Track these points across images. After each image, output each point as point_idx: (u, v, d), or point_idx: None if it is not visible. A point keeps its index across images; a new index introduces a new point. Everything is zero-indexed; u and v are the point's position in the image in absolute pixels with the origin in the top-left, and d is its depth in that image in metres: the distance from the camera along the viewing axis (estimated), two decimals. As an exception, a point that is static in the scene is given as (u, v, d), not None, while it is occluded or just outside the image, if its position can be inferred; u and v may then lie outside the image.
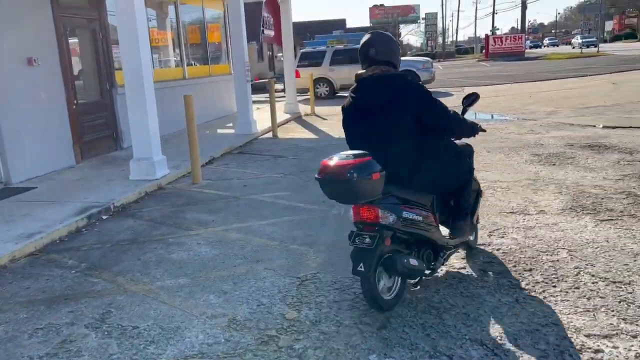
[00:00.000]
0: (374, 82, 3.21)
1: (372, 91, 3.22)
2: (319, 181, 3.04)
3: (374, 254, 2.97)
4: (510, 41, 40.85)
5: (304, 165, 7.76)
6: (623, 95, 12.94)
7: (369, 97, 3.22)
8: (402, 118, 3.12)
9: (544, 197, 5.37)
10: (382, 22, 73.68)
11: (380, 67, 3.22)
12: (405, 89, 3.15)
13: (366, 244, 3.00)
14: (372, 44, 3.27)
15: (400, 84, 3.17)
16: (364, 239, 3.03)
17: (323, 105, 16.64)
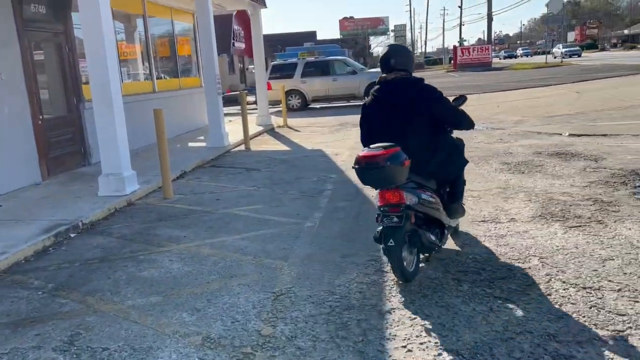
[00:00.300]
0: (397, 84, 3.93)
1: (396, 92, 3.91)
2: (358, 170, 3.56)
3: (402, 231, 3.52)
4: (478, 52, 41.77)
5: (278, 177, 7.72)
6: (587, 104, 13.33)
7: (394, 96, 3.89)
8: (422, 114, 3.83)
9: (515, 205, 5.46)
10: (352, 34, 74.47)
11: (400, 72, 3.93)
12: (423, 90, 3.91)
13: (394, 222, 3.52)
14: (392, 55, 3.96)
15: (419, 86, 3.94)
16: (392, 219, 3.55)
17: (295, 117, 16.66)
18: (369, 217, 5.37)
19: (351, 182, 7.08)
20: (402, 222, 3.52)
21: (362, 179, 3.64)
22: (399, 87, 3.91)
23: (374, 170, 3.44)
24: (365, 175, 3.57)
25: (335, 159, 9.00)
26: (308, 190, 6.80)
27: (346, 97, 19.18)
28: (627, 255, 3.91)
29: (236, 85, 37.04)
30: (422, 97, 3.86)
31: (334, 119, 15.38)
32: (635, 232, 4.40)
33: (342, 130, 12.84)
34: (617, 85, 16.66)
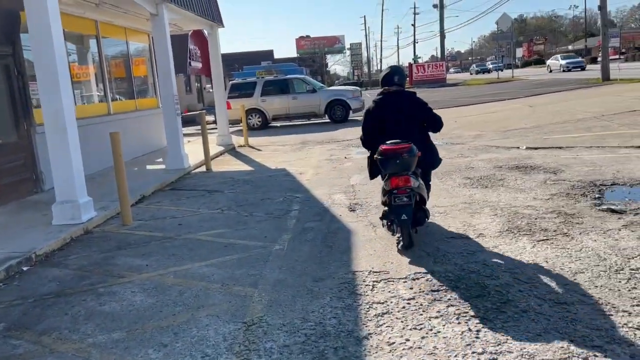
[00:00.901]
0: (397, 95, 5.12)
1: (399, 100, 5.08)
2: (382, 160, 4.61)
3: (411, 207, 4.56)
4: (432, 68, 42.80)
5: (242, 198, 7.55)
6: (540, 118, 13.76)
7: (399, 103, 5.06)
8: (417, 117, 5.07)
9: (481, 220, 5.49)
10: (308, 53, 75.16)
11: (398, 87, 5.17)
12: (417, 100, 5.13)
13: (404, 201, 4.53)
14: (395, 74, 5.26)
15: (414, 97, 5.17)
16: (403, 198, 4.53)
17: (257, 136, 16.52)
18: (338, 237, 5.29)
19: (318, 201, 6.99)
20: (411, 201, 4.56)
21: (385, 166, 4.66)
22: (401, 96, 5.11)
23: (398, 159, 4.52)
24: (389, 163, 4.59)
25: (300, 177, 8.90)
26: (274, 211, 6.66)
27: (307, 116, 19.19)
28: (596, 268, 3.95)
29: (194, 105, 36.59)
30: (417, 105, 5.11)
31: (296, 137, 15.32)
32: (601, 243, 4.47)
33: (304, 149, 12.77)
34: (567, 99, 17.33)
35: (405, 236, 4.65)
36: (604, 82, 21.33)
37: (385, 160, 4.58)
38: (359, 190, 7.48)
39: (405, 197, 4.52)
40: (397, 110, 5.00)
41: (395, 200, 4.54)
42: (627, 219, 5.09)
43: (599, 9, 21.99)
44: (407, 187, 4.53)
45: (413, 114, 5.03)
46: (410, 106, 5.05)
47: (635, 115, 11.82)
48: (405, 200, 4.52)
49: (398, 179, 4.55)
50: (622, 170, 7.16)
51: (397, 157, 4.51)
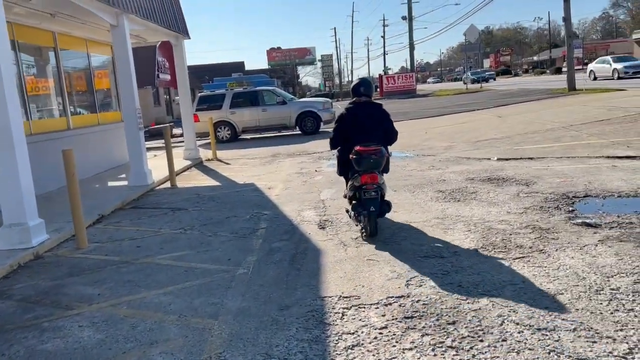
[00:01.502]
0: (366, 105, 5.81)
1: (366, 110, 5.76)
2: (356, 158, 5.28)
3: (378, 200, 5.29)
4: (402, 80, 43.11)
5: (207, 217, 7.20)
6: (510, 128, 13.79)
7: (368, 111, 5.74)
8: (380, 125, 5.72)
9: (455, 237, 5.28)
10: (280, 64, 75.09)
11: (367, 97, 5.87)
12: (383, 111, 5.83)
13: (372, 195, 5.25)
14: (362, 85, 5.92)
15: (381, 108, 5.85)
16: (371, 193, 5.25)
17: (226, 149, 16.14)
18: (307, 258, 5.01)
19: (286, 218, 6.70)
20: (378, 195, 5.30)
21: (359, 164, 5.30)
22: (369, 107, 5.80)
23: (371, 159, 5.26)
24: (363, 162, 5.28)
25: (269, 192, 8.59)
26: (240, 230, 6.34)
27: (277, 128, 18.90)
28: (576, 288, 3.76)
29: (162, 117, 35.94)
30: (382, 115, 5.80)
31: (266, 150, 15.01)
32: (578, 261, 4.30)
33: (274, 162, 12.47)
34: (535, 109, 17.48)
35: (372, 226, 5.35)
36: (570, 92, 21.68)
37: (359, 159, 5.29)
38: (329, 205, 7.22)
39: (373, 192, 5.27)
40: (365, 118, 5.69)
41: (364, 194, 5.28)
42: (602, 233, 4.95)
43: (563, 20, 22.43)
44: (374, 183, 5.28)
45: (378, 123, 5.72)
46: (375, 115, 5.76)
47: (602, 125, 11.92)
48: (373, 194, 5.27)
49: (367, 176, 5.27)
50: (593, 181, 7.09)
51: (370, 157, 5.27)
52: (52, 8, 9.18)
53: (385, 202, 5.50)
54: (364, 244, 5.28)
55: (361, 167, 5.30)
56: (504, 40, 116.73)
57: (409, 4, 46.88)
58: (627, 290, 3.64)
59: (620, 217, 5.40)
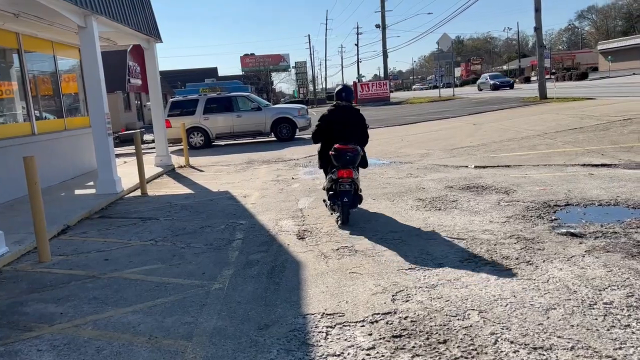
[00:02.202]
0: (346, 109, 6.61)
1: (345, 113, 6.56)
2: (335, 155, 6.06)
3: (351, 193, 6.05)
4: (377, 87, 43.31)
5: (179, 227, 6.88)
6: (485, 136, 13.83)
7: (347, 115, 6.54)
8: (357, 127, 6.48)
9: (439, 248, 5.11)
10: (253, 71, 74.76)
11: (347, 102, 6.67)
12: (360, 115, 6.64)
13: (347, 188, 6.01)
14: (343, 91, 6.72)
15: (358, 112, 6.66)
16: (346, 185, 6.01)
17: (199, 155, 15.76)
18: (286, 271, 4.76)
19: (263, 228, 6.44)
20: (351, 188, 6.07)
21: (337, 160, 6.09)
22: (348, 111, 6.62)
23: (347, 155, 6.05)
24: (341, 158, 6.06)
25: (245, 201, 8.31)
26: (215, 241, 6.05)
27: (252, 134, 18.60)
28: (568, 303, 3.62)
29: (133, 123, 35.20)
30: (359, 118, 6.62)
31: (241, 157, 14.70)
32: (567, 272, 4.17)
33: (249, 169, 12.18)
34: (509, 117, 17.64)
35: (344, 215, 6.13)
36: (541, 101, 22.02)
37: (337, 155, 6.10)
38: (307, 214, 6.98)
39: (348, 185, 6.05)
40: (343, 119, 6.50)
41: (340, 187, 6.06)
42: (588, 243, 4.85)
43: (534, 29, 22.79)
44: (349, 178, 6.04)
45: (355, 125, 6.53)
46: (352, 119, 6.57)
47: (576, 133, 12.03)
48: (347, 187, 6.06)
49: (344, 171, 6.04)
50: (573, 189, 7.05)
51: (347, 154, 6.07)
52: (15, 7, 8.73)
53: (357, 196, 6.29)
54: (345, 256, 5.07)
55: (339, 163, 6.10)
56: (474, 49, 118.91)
57: (382, 12, 47.23)
58: (621, 304, 3.52)
59: (604, 226, 5.33)
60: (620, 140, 10.61)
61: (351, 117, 6.54)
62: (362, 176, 9.03)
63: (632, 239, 4.83)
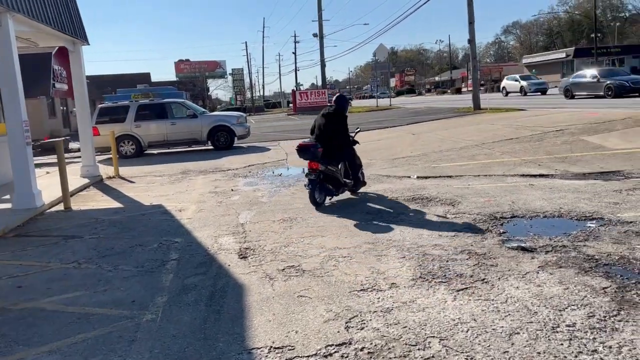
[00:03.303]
0: (331, 112, 7.81)
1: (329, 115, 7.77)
2: (298, 150, 7.50)
3: (315, 181, 7.33)
4: (315, 96, 43.30)
5: (106, 246, 6.24)
6: (425, 145, 13.90)
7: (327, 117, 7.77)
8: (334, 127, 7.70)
9: (390, 265, 4.86)
10: (188, 77, 72.97)
11: (336, 106, 7.84)
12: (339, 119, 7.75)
13: (312, 177, 7.32)
14: (340, 99, 7.95)
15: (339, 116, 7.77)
16: (312, 175, 7.32)
17: (130, 165, 14.84)
18: (227, 297, 4.33)
19: (201, 247, 5.95)
20: (316, 178, 7.30)
21: (300, 155, 7.49)
22: (332, 113, 7.78)
23: (307, 151, 7.40)
24: (302, 153, 7.45)
25: (180, 216, 7.75)
26: (146, 262, 5.50)
27: (187, 142, 17.83)
28: (530, 326, 3.43)
29: (59, 130, 33.16)
30: (337, 121, 7.73)
31: (175, 167, 13.97)
32: (524, 291, 4.02)
33: (185, 180, 11.54)
34: (446, 127, 17.93)
35: (310, 197, 7.47)
36: (475, 111, 22.65)
37: (300, 151, 7.52)
38: (250, 230, 6.56)
39: (313, 175, 7.32)
40: (326, 121, 7.74)
41: (307, 175, 7.46)
42: (540, 258, 4.76)
43: (468, 41, 23.48)
44: (313, 169, 7.32)
45: (333, 124, 7.69)
46: (333, 120, 7.71)
47: (512, 144, 12.30)
48: (312, 177, 7.33)
49: (311, 163, 7.38)
50: (516, 201, 7.05)
51: (307, 150, 7.44)
52: None
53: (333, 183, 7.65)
54: (292, 277, 4.70)
55: (303, 157, 7.53)
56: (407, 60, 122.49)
57: (319, 22, 47.38)
58: (584, 326, 3.37)
59: (552, 239, 5.28)
60: (554, 151, 10.92)
61: (331, 119, 7.72)
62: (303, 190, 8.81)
63: (582, 253, 4.79)
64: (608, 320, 3.43)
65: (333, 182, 7.58)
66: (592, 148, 10.86)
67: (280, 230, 6.41)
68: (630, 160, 9.39)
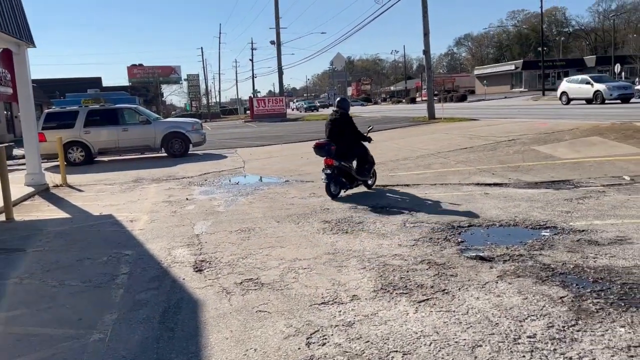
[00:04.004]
0: (339, 115, 8.77)
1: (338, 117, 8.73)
2: (315, 148, 8.62)
3: (331, 175, 8.32)
4: (273, 103, 43.15)
5: (51, 260, 5.89)
6: (382, 154, 13.94)
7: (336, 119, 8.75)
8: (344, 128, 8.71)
9: (351, 277, 4.78)
10: (141, 82, 71.38)
11: (342, 109, 8.86)
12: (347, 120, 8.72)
13: (328, 172, 8.31)
14: (340, 101, 9.04)
15: (349, 118, 8.77)
16: (327, 170, 8.31)
17: (78, 173, 14.24)
18: (182, 314, 4.13)
19: (154, 260, 5.69)
20: (332, 172, 8.31)
21: (317, 152, 8.62)
22: (340, 116, 8.77)
23: (322, 149, 8.46)
24: (318, 151, 8.55)
25: (131, 226, 7.43)
26: (95, 277, 5.20)
27: (140, 149, 17.30)
28: (492, 338, 3.41)
29: (2, 136, 31.67)
30: (346, 122, 8.72)
31: (127, 175, 13.49)
32: (485, 302, 4.01)
33: (137, 188, 11.14)
34: (403, 136, 18.16)
35: (326, 189, 8.51)
36: (430, 120, 23.07)
37: (316, 149, 8.62)
38: (205, 241, 6.34)
39: (329, 170, 8.33)
40: (335, 123, 8.76)
41: (323, 170, 8.44)
42: (498, 267, 4.79)
43: (423, 52, 23.93)
44: (328, 164, 8.33)
45: (342, 126, 8.73)
46: (342, 122, 8.73)
47: (467, 153, 12.54)
48: (328, 171, 8.34)
49: (326, 160, 8.38)
50: (472, 209, 7.13)
51: (322, 148, 8.51)
52: None
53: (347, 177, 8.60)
54: (250, 291, 4.54)
55: (319, 154, 8.61)
56: (363, 70, 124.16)
57: (277, 29, 47.31)
58: (544, 337, 3.38)
59: (509, 248, 5.34)
60: (507, 160, 11.19)
61: (340, 121, 8.75)
62: (264, 196, 8.99)
63: (538, 262, 4.85)
64: (567, 330, 3.45)
65: (346, 177, 8.55)
66: (543, 157, 11.19)
67: (238, 242, 6.23)
68: (579, 170, 9.72)
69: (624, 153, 10.94)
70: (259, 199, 8.93)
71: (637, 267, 4.53)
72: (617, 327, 3.45)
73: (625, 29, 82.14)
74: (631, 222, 6.03)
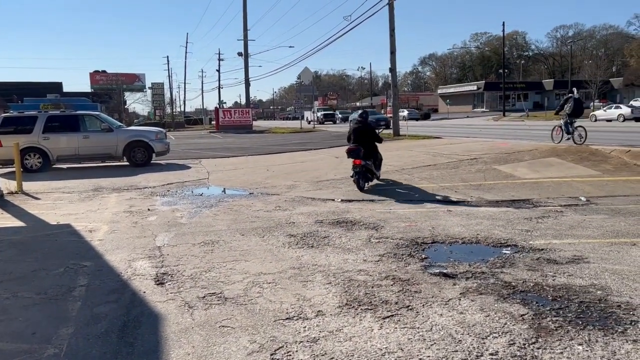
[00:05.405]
0: (362, 124, 11.14)
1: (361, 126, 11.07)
2: (348, 151, 10.68)
3: (360, 172, 10.58)
4: (239, 114, 42.93)
5: (4, 270, 5.64)
6: (348, 169, 13.88)
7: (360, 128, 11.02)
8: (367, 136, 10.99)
9: (316, 292, 4.76)
10: (104, 89, 69.96)
11: (364, 119, 11.37)
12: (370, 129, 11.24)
13: (358, 170, 10.52)
14: (363, 114, 11.64)
15: (370, 126, 11.42)
16: (357, 169, 10.49)
17: (36, 180, 13.75)
18: (142, 328, 4.01)
19: (113, 272, 5.52)
20: (360, 170, 10.45)
21: (350, 155, 10.52)
22: (363, 125, 11.05)
23: (354, 152, 10.39)
24: (351, 154, 10.46)
25: (90, 237, 7.20)
26: (51, 288, 5.00)
27: (101, 157, 16.86)
28: (456, 355, 3.45)
29: (-47, 138, 30.24)
30: (369, 131, 11.04)
31: (87, 183, 13.11)
32: (448, 319, 4.06)
33: (97, 197, 10.83)
34: (368, 151, 18.35)
35: (357, 183, 10.51)
36: (395, 137, 23.40)
37: (349, 152, 10.50)
38: (167, 253, 6.20)
39: (358, 168, 10.37)
40: (359, 130, 10.85)
41: (354, 169, 10.42)
42: (461, 284, 4.86)
43: (389, 70, 24.34)
44: (357, 165, 10.34)
45: (365, 134, 10.85)
46: (365, 131, 10.90)
47: (430, 170, 12.76)
48: (357, 169, 10.38)
49: (355, 160, 10.32)
50: (436, 226, 7.24)
51: (354, 151, 10.37)
52: None
53: (370, 176, 10.94)
54: (213, 305, 4.46)
55: (350, 156, 10.47)
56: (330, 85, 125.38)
57: (245, 41, 47.27)
58: (506, 354, 3.44)
59: (472, 265, 5.43)
60: (469, 178, 11.44)
61: (363, 130, 10.90)
62: (229, 208, 8.92)
63: (499, 280, 4.95)
64: (528, 347, 3.52)
65: (370, 173, 10.78)
66: (504, 177, 11.50)
67: (201, 254, 6.12)
68: (538, 189, 10.03)
69: (580, 174, 11.36)
70: (223, 211, 8.82)
71: (593, 286, 4.68)
72: (575, 345, 3.54)
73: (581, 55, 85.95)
74: (587, 241, 6.25)
